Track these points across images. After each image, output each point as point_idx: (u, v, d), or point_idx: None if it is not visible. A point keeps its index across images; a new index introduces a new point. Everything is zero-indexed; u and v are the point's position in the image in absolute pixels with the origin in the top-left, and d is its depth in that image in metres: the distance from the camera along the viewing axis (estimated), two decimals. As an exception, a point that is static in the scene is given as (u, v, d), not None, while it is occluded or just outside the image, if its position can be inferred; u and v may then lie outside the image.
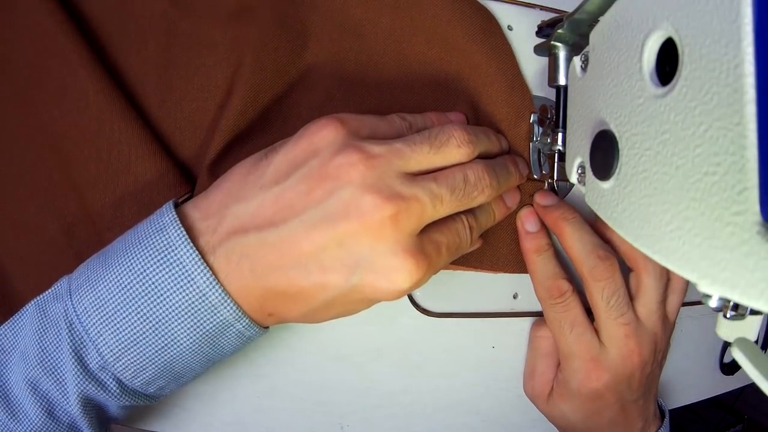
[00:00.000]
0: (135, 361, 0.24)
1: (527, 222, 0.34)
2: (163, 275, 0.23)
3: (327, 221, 0.23)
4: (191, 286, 0.23)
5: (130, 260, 0.23)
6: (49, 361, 0.23)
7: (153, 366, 0.24)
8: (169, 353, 0.24)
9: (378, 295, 0.24)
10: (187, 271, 0.23)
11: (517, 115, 0.33)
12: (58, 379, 0.24)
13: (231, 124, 0.29)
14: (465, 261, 0.33)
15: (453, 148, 0.26)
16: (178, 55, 0.30)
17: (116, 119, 0.28)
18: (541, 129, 0.33)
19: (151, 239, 0.23)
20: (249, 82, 0.29)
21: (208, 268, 0.23)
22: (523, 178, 0.32)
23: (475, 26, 0.33)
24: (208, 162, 0.29)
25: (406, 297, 0.34)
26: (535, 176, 0.33)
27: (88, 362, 0.24)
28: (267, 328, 0.26)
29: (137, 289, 0.23)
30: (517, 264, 0.34)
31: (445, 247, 0.26)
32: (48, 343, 0.23)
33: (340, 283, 0.23)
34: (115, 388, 0.24)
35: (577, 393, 0.33)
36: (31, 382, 0.23)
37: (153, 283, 0.23)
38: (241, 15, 0.31)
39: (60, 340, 0.23)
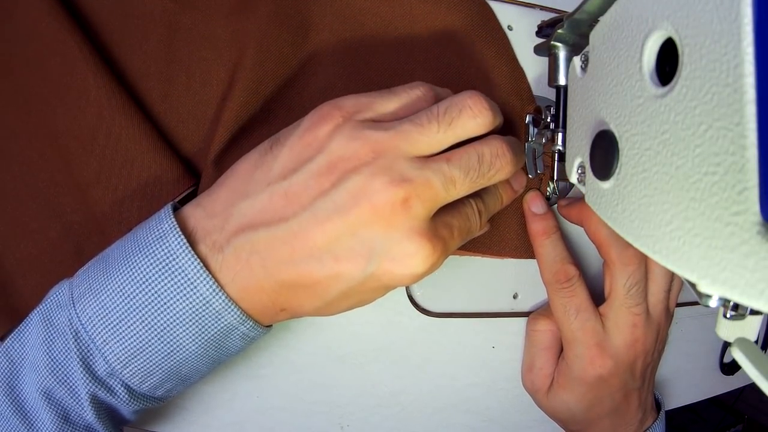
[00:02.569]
0: (142, 367, 0.24)
1: (534, 204, 0.33)
2: (165, 284, 0.23)
3: (338, 211, 0.22)
4: (194, 293, 0.23)
5: (131, 269, 0.23)
6: (59, 370, 0.23)
7: (160, 371, 0.24)
8: (175, 358, 0.24)
9: (395, 282, 0.24)
10: (189, 279, 0.23)
11: (519, 101, 0.33)
12: (70, 387, 0.24)
13: (234, 116, 0.29)
14: (472, 246, 0.33)
15: (467, 119, 0.25)
16: (179, 49, 0.30)
17: (118, 115, 0.28)
18: (536, 129, 0.33)
19: (152, 247, 0.23)
20: (250, 74, 0.29)
21: (210, 276, 0.23)
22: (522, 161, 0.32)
23: (474, 15, 0.33)
24: (213, 155, 0.29)
25: (406, 297, 0.34)
26: (530, 176, 0.34)
27: (96, 370, 0.24)
28: (270, 326, 0.26)
29: (140, 298, 0.23)
30: (523, 249, 0.34)
31: (456, 230, 0.26)
32: (56, 352, 0.23)
33: (356, 273, 0.23)
34: (123, 394, 0.24)
35: (579, 380, 0.32)
36: (45, 392, 0.24)
37: (156, 292, 0.23)
38: (241, 8, 0.31)
39: (68, 349, 0.23)
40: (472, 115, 0.25)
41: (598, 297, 0.33)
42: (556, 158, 0.33)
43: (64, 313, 0.24)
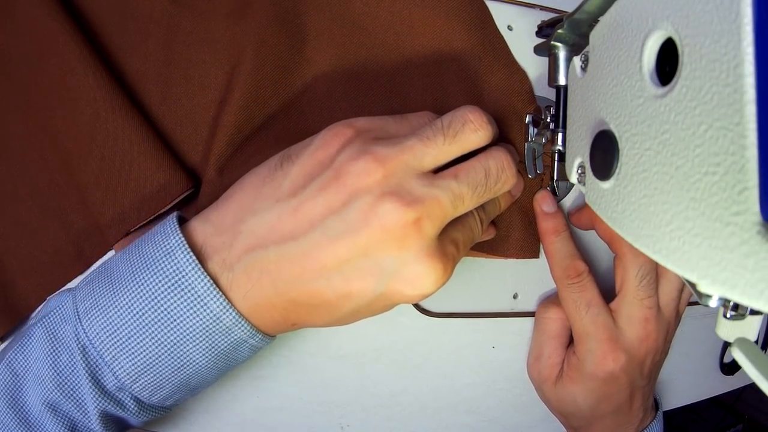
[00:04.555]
0: (152, 381, 0.24)
1: (544, 203, 0.34)
2: (175, 301, 0.23)
3: (348, 232, 0.22)
4: (205, 310, 0.23)
5: (139, 286, 0.23)
6: (66, 383, 0.23)
7: (170, 384, 0.24)
8: (185, 372, 0.24)
9: (405, 301, 0.24)
10: (199, 296, 0.23)
11: (519, 101, 0.33)
12: (77, 401, 0.24)
13: (233, 119, 0.29)
14: (477, 247, 0.33)
15: (469, 133, 0.25)
16: (178, 51, 0.30)
17: (117, 116, 0.28)
18: (535, 129, 0.33)
19: (160, 264, 0.23)
20: (249, 78, 0.29)
21: (220, 292, 0.23)
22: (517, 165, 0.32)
23: (472, 19, 0.33)
24: (214, 159, 0.29)
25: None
26: (530, 176, 0.34)
27: (105, 384, 0.24)
28: (275, 336, 0.27)
29: (150, 315, 0.23)
30: (526, 249, 0.35)
31: (462, 243, 0.26)
32: (62, 366, 0.23)
33: (367, 293, 0.23)
34: (133, 406, 0.24)
35: (591, 375, 0.32)
36: (50, 405, 0.23)
37: (166, 309, 0.23)
38: (240, 12, 0.31)
39: (74, 363, 0.23)
40: (473, 129, 0.25)
41: (606, 296, 0.33)
42: (556, 158, 0.33)
43: (70, 328, 0.23)
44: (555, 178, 0.34)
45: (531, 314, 0.37)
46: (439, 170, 0.25)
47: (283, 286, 0.23)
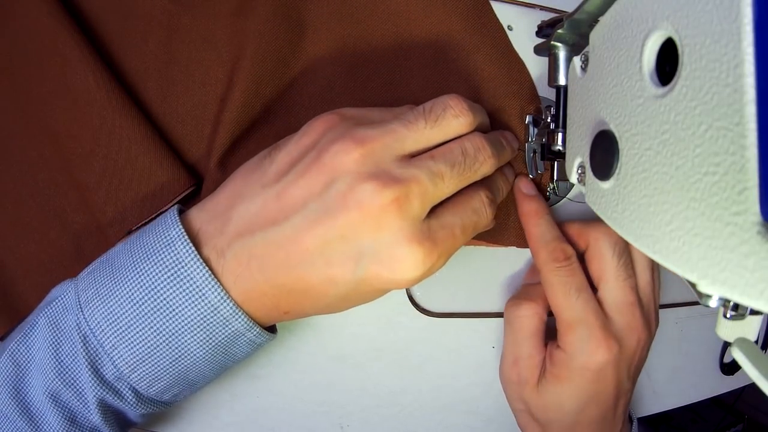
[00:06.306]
0: (150, 372, 0.24)
1: (524, 186, 0.33)
2: (174, 291, 0.23)
3: (328, 214, 0.22)
4: (203, 301, 0.23)
5: (139, 276, 0.23)
6: (67, 373, 0.24)
7: (168, 376, 0.24)
8: (183, 364, 0.24)
9: (388, 286, 0.24)
10: (198, 286, 0.23)
11: (518, 95, 0.33)
12: (77, 390, 0.24)
13: (234, 116, 0.29)
14: (478, 236, 0.32)
15: (450, 118, 0.25)
16: (178, 50, 0.30)
17: (117, 115, 0.28)
18: (536, 130, 0.33)
19: (160, 254, 0.23)
20: (250, 75, 0.30)
21: (218, 283, 0.23)
22: (514, 152, 0.31)
23: (471, 11, 0.33)
24: (215, 156, 0.29)
25: (406, 297, 0.34)
26: (531, 176, 0.33)
27: (104, 373, 0.24)
28: (275, 333, 0.27)
29: (149, 305, 0.23)
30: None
31: (459, 228, 0.25)
32: (64, 355, 0.24)
33: (347, 277, 0.23)
34: (131, 397, 0.25)
35: (582, 368, 0.30)
36: (52, 394, 0.24)
37: (165, 298, 0.23)
38: (239, 9, 0.31)
39: (75, 352, 0.24)
40: (454, 115, 0.25)
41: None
42: (556, 161, 0.33)
43: (72, 317, 0.24)
44: (555, 178, 0.34)
45: (531, 314, 0.37)
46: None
47: (270, 271, 0.23)
